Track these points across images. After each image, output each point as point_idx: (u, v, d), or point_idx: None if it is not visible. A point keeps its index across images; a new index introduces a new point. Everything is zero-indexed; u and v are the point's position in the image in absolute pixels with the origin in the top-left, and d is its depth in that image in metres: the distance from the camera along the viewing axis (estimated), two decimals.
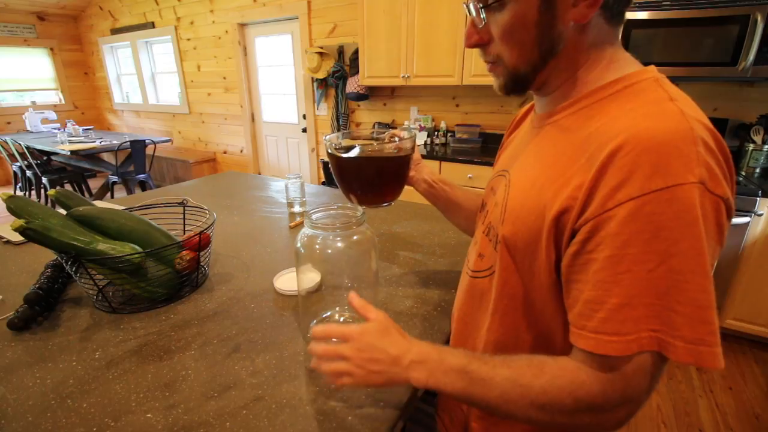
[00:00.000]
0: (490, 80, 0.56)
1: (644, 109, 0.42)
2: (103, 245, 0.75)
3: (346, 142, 0.80)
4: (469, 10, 0.52)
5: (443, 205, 0.85)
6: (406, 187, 0.82)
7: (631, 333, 0.39)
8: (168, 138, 4.30)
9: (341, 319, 0.76)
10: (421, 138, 2.92)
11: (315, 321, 0.75)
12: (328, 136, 0.74)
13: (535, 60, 0.49)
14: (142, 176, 3.83)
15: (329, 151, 0.74)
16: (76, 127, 4.40)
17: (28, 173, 4.06)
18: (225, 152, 4.62)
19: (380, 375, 0.49)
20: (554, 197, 0.45)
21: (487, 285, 0.59)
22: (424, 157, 2.59)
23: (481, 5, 0.49)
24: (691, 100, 0.44)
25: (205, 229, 0.86)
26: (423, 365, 0.48)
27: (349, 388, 0.54)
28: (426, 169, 0.84)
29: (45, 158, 4.18)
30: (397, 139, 0.77)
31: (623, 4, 0.46)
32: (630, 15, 1.92)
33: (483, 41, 0.52)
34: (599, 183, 0.40)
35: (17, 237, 1.12)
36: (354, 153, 0.73)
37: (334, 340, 0.52)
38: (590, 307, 0.41)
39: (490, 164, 2.01)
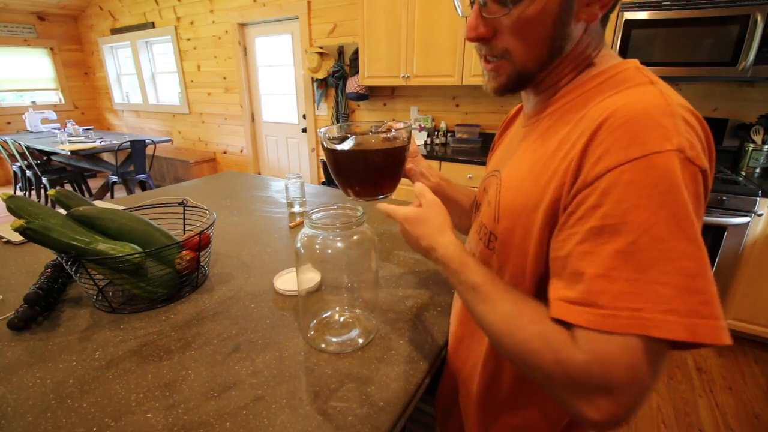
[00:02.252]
0: None
1: (624, 93, 0.43)
2: (103, 245, 0.75)
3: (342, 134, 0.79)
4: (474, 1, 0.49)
5: (440, 200, 0.84)
6: (407, 188, 0.82)
7: (607, 307, 0.36)
8: (168, 138, 4.30)
9: (341, 319, 0.76)
10: (421, 138, 2.92)
11: (315, 321, 0.75)
12: (323, 129, 0.73)
13: (544, 58, 0.48)
14: (142, 176, 3.83)
15: (324, 144, 0.73)
16: (76, 127, 4.39)
17: (28, 173, 4.06)
18: (225, 152, 4.62)
19: (419, 249, 0.58)
20: (545, 188, 0.46)
21: None
22: (424, 157, 2.59)
23: None
24: (671, 87, 0.45)
25: (205, 229, 0.86)
26: (443, 267, 0.54)
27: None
28: (423, 162, 0.84)
29: (45, 158, 4.18)
30: (393, 130, 0.76)
31: (613, 8, 0.48)
32: (630, 15, 1.92)
33: (488, 35, 0.49)
34: (582, 163, 0.41)
35: (17, 237, 1.12)
36: (348, 145, 0.73)
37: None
38: (573, 279, 0.39)
39: None
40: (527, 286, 0.51)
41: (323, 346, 0.69)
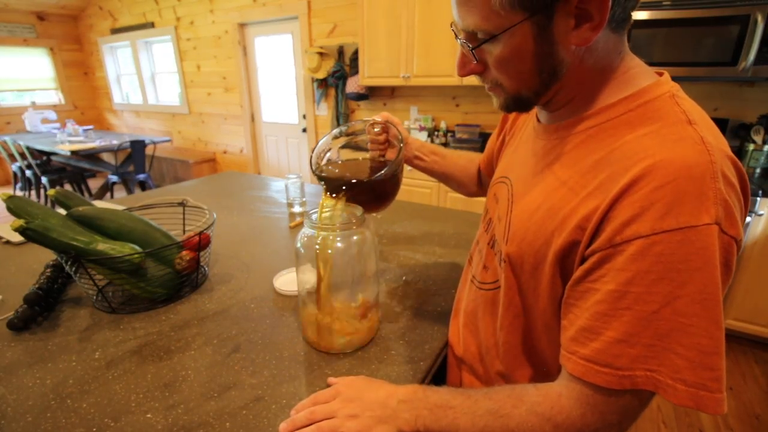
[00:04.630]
0: None
1: (662, 135, 0.39)
2: (103, 245, 0.75)
3: (335, 142, 0.78)
4: (456, 36, 0.49)
5: (437, 176, 0.87)
6: (407, 189, 0.82)
7: (624, 369, 0.38)
8: (168, 138, 4.30)
9: None
10: (421, 138, 2.92)
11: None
12: (315, 152, 0.71)
13: (537, 86, 0.46)
14: (141, 176, 3.83)
15: (316, 172, 0.72)
16: (76, 127, 4.39)
17: (28, 173, 4.06)
18: (225, 152, 4.61)
19: (372, 419, 0.48)
20: (562, 225, 0.44)
21: (493, 297, 0.58)
22: None
23: (471, 47, 0.46)
24: (709, 119, 0.42)
25: (205, 229, 0.85)
26: (410, 404, 0.49)
27: None
28: (415, 144, 0.84)
29: (45, 158, 4.18)
30: (378, 128, 0.76)
31: (629, 9, 0.43)
32: None
33: (477, 71, 0.49)
34: (610, 215, 0.39)
35: (17, 237, 1.11)
36: (344, 179, 0.72)
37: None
38: (585, 335, 0.40)
39: None
40: (541, 310, 0.50)
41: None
